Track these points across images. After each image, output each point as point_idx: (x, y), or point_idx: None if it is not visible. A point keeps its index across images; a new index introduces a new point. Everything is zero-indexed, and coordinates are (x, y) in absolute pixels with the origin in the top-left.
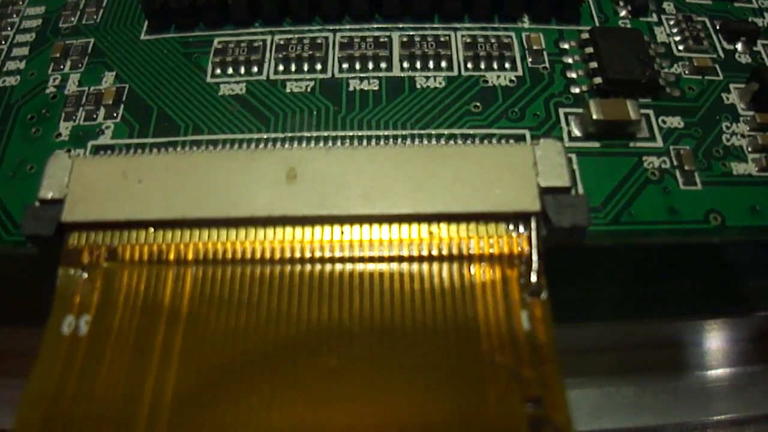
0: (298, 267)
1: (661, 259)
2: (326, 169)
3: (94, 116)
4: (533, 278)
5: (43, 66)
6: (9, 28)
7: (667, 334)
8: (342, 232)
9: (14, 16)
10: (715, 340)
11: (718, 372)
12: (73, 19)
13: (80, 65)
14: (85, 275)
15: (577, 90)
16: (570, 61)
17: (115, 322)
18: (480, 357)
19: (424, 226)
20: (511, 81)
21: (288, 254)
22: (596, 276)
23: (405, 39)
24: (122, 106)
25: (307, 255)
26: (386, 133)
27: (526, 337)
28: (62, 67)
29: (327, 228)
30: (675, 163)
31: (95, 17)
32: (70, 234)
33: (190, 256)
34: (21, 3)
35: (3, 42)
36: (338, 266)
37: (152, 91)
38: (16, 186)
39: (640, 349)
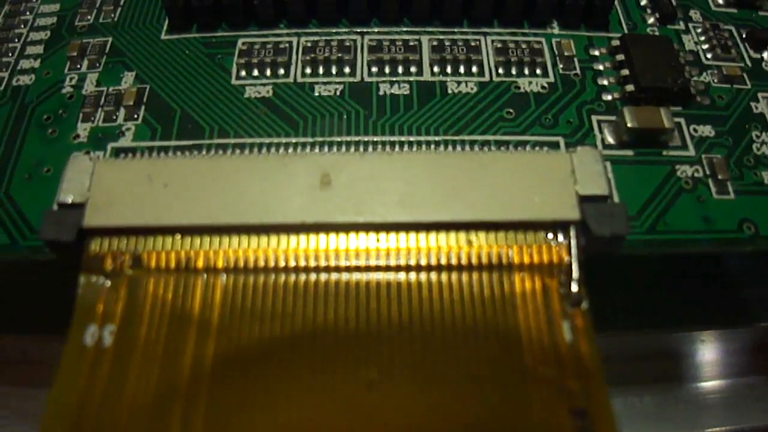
0: (333, 276)
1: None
2: (361, 175)
3: (114, 117)
4: (574, 288)
5: (58, 65)
6: (22, 26)
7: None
8: (378, 240)
9: (28, 13)
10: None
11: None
12: (89, 17)
13: (98, 64)
14: (108, 283)
15: (609, 97)
16: (601, 68)
17: (141, 332)
18: (523, 368)
19: (462, 235)
20: (543, 87)
21: (323, 263)
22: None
23: (435, 43)
24: (143, 108)
25: (343, 264)
26: (419, 138)
27: (569, 348)
28: (79, 66)
29: (362, 235)
30: (708, 172)
31: (113, 15)
32: (91, 240)
33: (220, 264)
34: (35, 0)
35: (16, 40)
36: (375, 275)
37: (175, 92)
38: (32, 189)
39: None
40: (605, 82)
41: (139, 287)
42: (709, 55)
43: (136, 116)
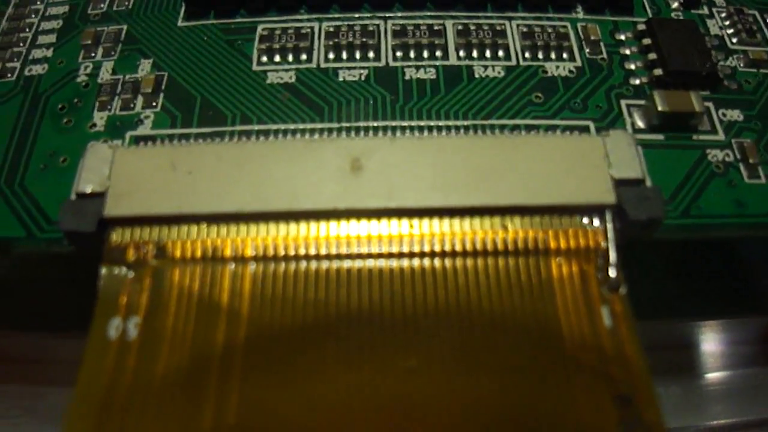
0: (367, 263)
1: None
2: (392, 160)
3: (132, 105)
4: (612, 273)
5: (72, 53)
6: (33, 15)
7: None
8: (411, 226)
9: (38, 2)
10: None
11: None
12: (102, 5)
13: (113, 53)
14: (132, 274)
15: (637, 81)
16: (627, 52)
17: (168, 323)
18: (564, 355)
19: (497, 219)
20: (570, 72)
21: (355, 249)
22: None
23: (460, 27)
24: (162, 95)
25: (376, 250)
26: (447, 123)
27: (609, 333)
28: (93, 54)
29: (395, 221)
30: (738, 156)
31: (127, 3)
32: (112, 230)
33: (248, 253)
34: None
35: (27, 29)
36: (409, 262)
37: (194, 79)
38: (48, 179)
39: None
40: (632, 66)
41: (164, 278)
42: (734, 40)
43: (154, 104)
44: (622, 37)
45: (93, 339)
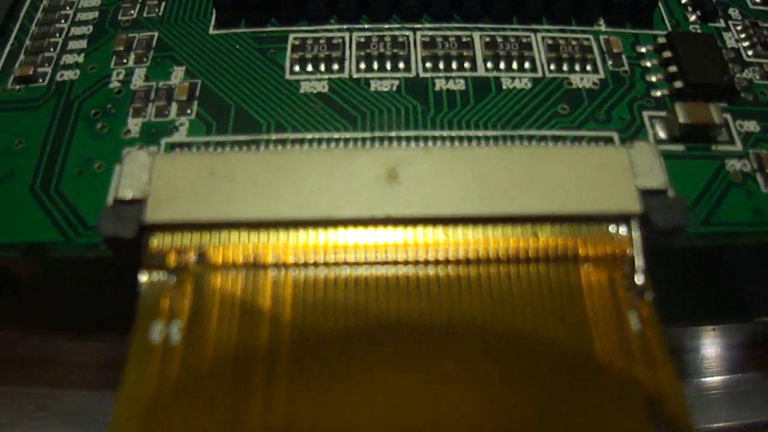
0: (403, 269)
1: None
2: (427, 169)
3: (166, 112)
4: (638, 279)
5: (104, 60)
6: (63, 21)
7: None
8: (446, 234)
9: (68, 8)
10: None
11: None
12: (132, 12)
13: (145, 59)
14: (173, 279)
15: (658, 93)
16: (648, 64)
17: (211, 328)
18: (595, 358)
19: (528, 228)
20: (594, 83)
21: (393, 256)
22: None
23: (487, 39)
24: (196, 102)
25: (412, 257)
26: (477, 133)
27: (637, 337)
28: (125, 61)
29: (431, 229)
30: (755, 166)
31: (157, 10)
32: (153, 235)
33: (289, 259)
34: None
35: (58, 35)
36: (445, 269)
37: (228, 87)
38: (83, 185)
39: None
40: (653, 79)
41: (205, 283)
42: (750, 53)
43: (189, 111)
44: (643, 50)
45: (136, 343)
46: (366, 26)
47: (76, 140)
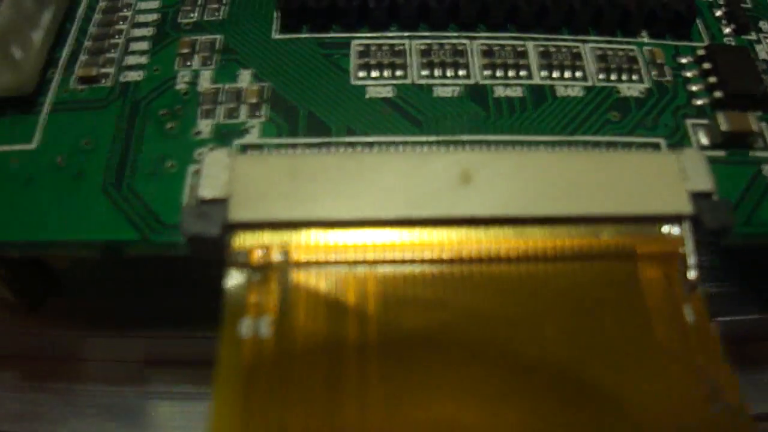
0: (478, 266)
1: None
2: (498, 172)
3: (236, 114)
4: (691, 275)
5: (168, 61)
6: (122, 22)
7: None
8: (517, 233)
9: (125, 10)
10: None
11: None
12: (193, 15)
13: (209, 62)
14: (257, 276)
15: (699, 102)
16: (689, 75)
17: (300, 323)
18: (657, 347)
19: (591, 227)
20: (640, 92)
21: (468, 254)
22: None
23: (541, 49)
24: (265, 105)
25: (486, 255)
26: (536, 138)
27: (692, 328)
28: (189, 63)
29: (505, 229)
30: None
31: (218, 14)
32: (237, 234)
33: (370, 257)
34: None
35: (117, 36)
36: (517, 265)
37: (295, 90)
38: (157, 184)
39: None
40: (694, 88)
41: (290, 280)
42: None
43: (259, 114)
44: (684, 61)
45: (226, 338)
46: (425, 34)
47: (147, 140)
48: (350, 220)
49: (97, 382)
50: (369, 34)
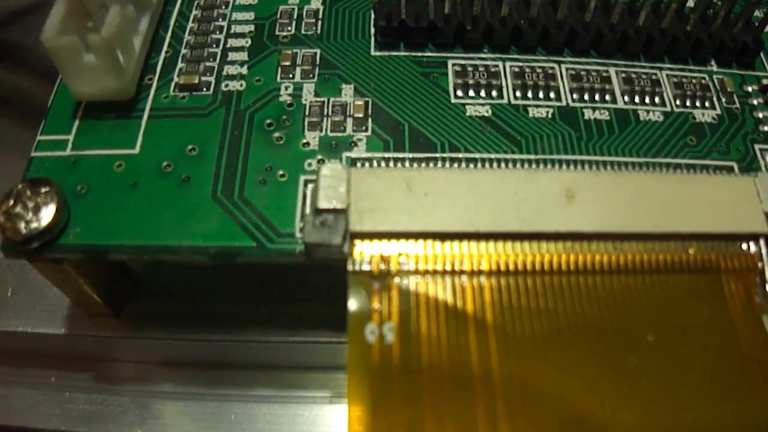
0: (583, 277)
1: None
2: (598, 190)
3: (342, 128)
4: None
5: (269, 73)
6: (218, 32)
7: None
8: (615, 248)
9: (221, 20)
10: None
11: None
12: (290, 28)
13: (311, 75)
14: (377, 284)
15: (765, 128)
16: (755, 102)
17: (422, 329)
18: (742, 354)
19: (679, 243)
20: (713, 118)
21: (574, 266)
22: None
23: (624, 75)
24: (370, 120)
25: (590, 267)
26: (623, 159)
27: None
28: (291, 75)
29: (606, 244)
30: None
31: (315, 28)
32: (357, 243)
33: (485, 267)
34: (224, 7)
35: (215, 45)
36: (618, 277)
37: (398, 106)
38: (269, 193)
39: None
40: (760, 115)
41: (409, 288)
42: None
43: (365, 128)
44: (750, 89)
45: (353, 342)
46: (516, 56)
47: (253, 149)
48: (465, 233)
49: (175, 384)
50: (464, 55)
